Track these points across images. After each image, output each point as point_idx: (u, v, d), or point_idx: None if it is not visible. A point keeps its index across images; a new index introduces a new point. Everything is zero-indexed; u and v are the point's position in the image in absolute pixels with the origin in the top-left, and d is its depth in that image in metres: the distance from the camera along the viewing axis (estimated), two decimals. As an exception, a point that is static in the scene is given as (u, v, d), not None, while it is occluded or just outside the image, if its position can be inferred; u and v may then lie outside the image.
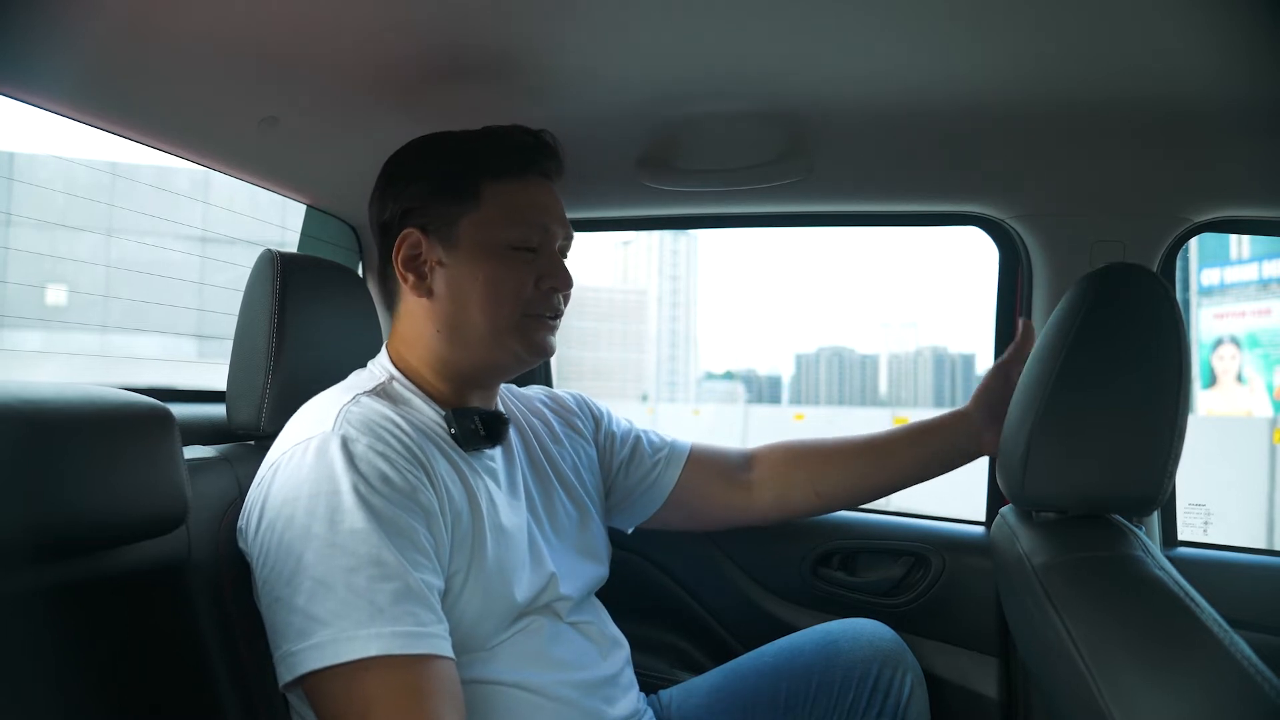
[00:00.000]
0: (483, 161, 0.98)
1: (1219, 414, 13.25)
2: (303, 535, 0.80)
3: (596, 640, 1.03)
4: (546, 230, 0.99)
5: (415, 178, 0.99)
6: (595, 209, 1.54)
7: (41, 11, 0.81)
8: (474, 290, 0.96)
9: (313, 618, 0.78)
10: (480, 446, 0.98)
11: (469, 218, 0.96)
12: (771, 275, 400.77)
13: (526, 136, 1.00)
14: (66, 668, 0.78)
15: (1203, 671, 0.64)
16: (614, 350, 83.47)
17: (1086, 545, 0.83)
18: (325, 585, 0.78)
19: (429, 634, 0.79)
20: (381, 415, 0.90)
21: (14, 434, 0.69)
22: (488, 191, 0.97)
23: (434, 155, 1.00)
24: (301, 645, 0.77)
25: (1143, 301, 0.85)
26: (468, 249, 0.96)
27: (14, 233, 2.27)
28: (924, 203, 1.47)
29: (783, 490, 1.23)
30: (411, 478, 0.85)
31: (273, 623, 0.82)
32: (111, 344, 2.44)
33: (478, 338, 0.97)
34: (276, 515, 0.83)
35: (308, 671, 0.77)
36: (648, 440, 1.23)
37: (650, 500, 1.21)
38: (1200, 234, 1.36)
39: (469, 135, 1.01)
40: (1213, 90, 0.99)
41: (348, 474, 0.83)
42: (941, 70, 0.98)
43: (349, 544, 0.79)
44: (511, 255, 0.96)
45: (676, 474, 1.21)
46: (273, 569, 0.82)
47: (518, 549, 0.95)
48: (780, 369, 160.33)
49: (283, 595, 0.80)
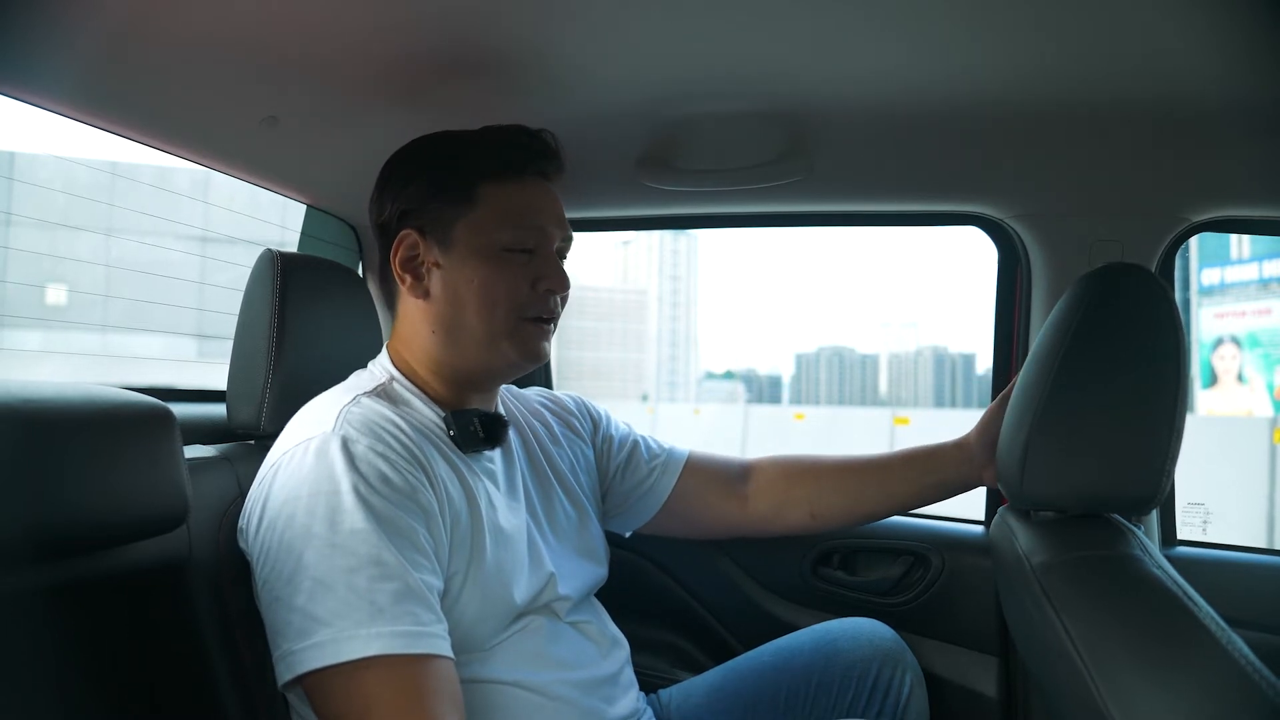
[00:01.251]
0: (479, 163, 0.98)
1: (1219, 414, 13.25)
2: (303, 535, 0.80)
3: (596, 640, 1.03)
4: (542, 231, 0.98)
5: (413, 179, 0.99)
6: (595, 209, 1.54)
7: (42, 11, 0.81)
8: (469, 292, 0.96)
9: (313, 617, 0.78)
10: (479, 448, 0.98)
11: (465, 220, 0.96)
12: (772, 275, 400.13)
13: (524, 137, 0.99)
14: (67, 667, 0.78)
15: (1201, 670, 0.64)
16: (614, 350, 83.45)
17: (1085, 544, 0.83)
18: (325, 585, 0.78)
19: (429, 634, 0.79)
20: (382, 416, 0.90)
21: (15, 433, 0.69)
22: (483, 193, 0.96)
23: (431, 156, 1.00)
24: (302, 644, 0.78)
25: (1141, 301, 0.85)
26: (463, 251, 0.96)
27: (14, 232, 2.28)
28: (924, 203, 1.47)
29: (778, 506, 1.22)
30: (411, 478, 0.86)
31: (273, 622, 0.82)
32: (112, 344, 2.44)
33: (472, 340, 0.97)
34: (277, 515, 0.83)
35: (308, 671, 0.77)
36: (645, 446, 1.23)
37: (646, 506, 1.21)
38: (1199, 234, 1.36)
39: (467, 136, 1.00)
40: (1212, 90, 0.99)
41: (348, 474, 0.83)
42: (941, 70, 0.98)
43: (349, 544, 0.80)
44: (506, 257, 0.96)
45: (673, 481, 1.21)
46: (273, 568, 0.82)
47: (516, 550, 0.95)
48: (780, 369, 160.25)
49: (283, 595, 0.80)
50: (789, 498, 1.22)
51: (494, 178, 0.97)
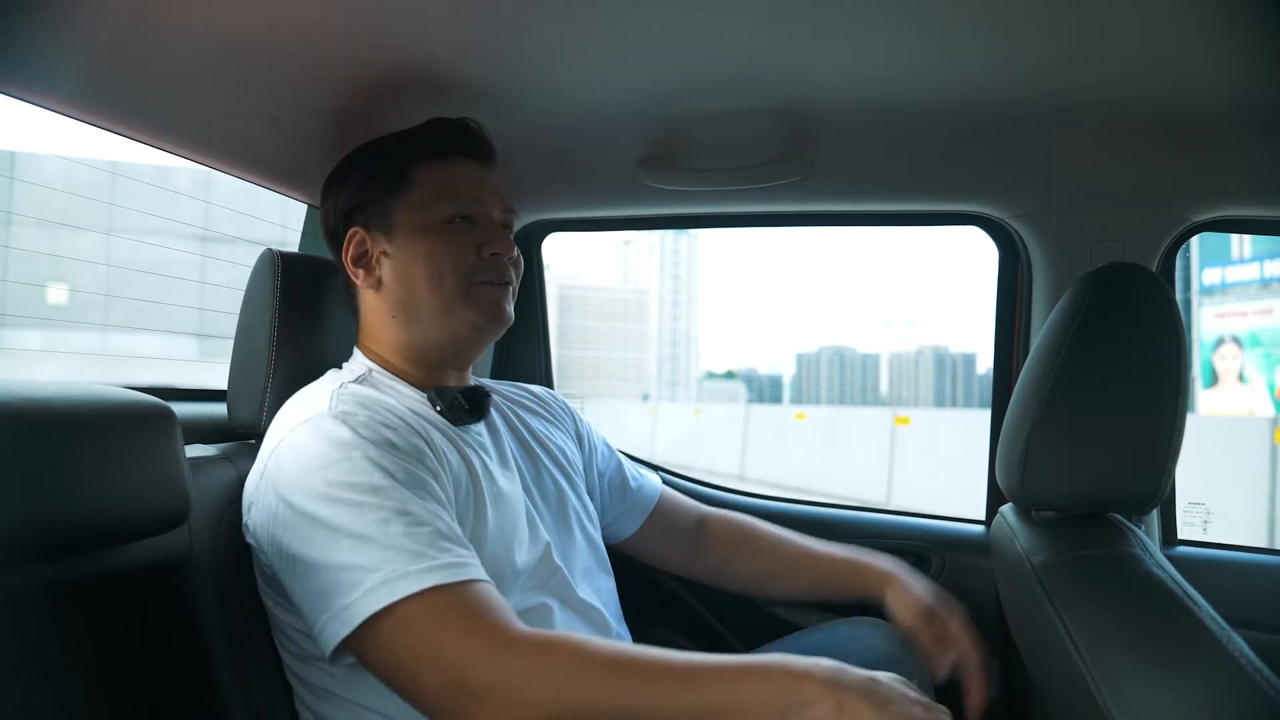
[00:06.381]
0: (408, 148, 1.02)
1: (1220, 413, 13.25)
2: (327, 502, 0.81)
3: (602, 631, 1.04)
4: (479, 201, 1.02)
5: (348, 179, 1.04)
6: (596, 208, 1.54)
7: (42, 11, 0.81)
8: (417, 269, 0.99)
9: (359, 568, 0.78)
10: (467, 421, 1.01)
11: (402, 203, 1.00)
12: (772, 275, 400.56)
13: (445, 123, 1.04)
14: (68, 665, 0.78)
15: (1201, 670, 0.64)
16: (615, 349, 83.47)
17: (1086, 544, 0.83)
18: (364, 538, 0.79)
19: (470, 564, 0.81)
20: (370, 398, 0.92)
21: (16, 432, 0.69)
22: (416, 174, 1.01)
23: (363, 154, 1.05)
24: (355, 595, 0.77)
25: (1141, 301, 0.85)
26: (406, 232, 1.00)
27: (15, 232, 2.28)
28: (924, 202, 1.47)
29: (721, 567, 1.28)
30: (415, 443, 0.88)
31: (314, 590, 0.80)
32: (112, 343, 2.44)
33: (430, 314, 0.99)
34: (292, 491, 0.83)
35: (365, 619, 0.76)
36: (628, 475, 1.27)
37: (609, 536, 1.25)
38: (1200, 234, 1.36)
39: (395, 133, 1.05)
40: (1213, 90, 0.99)
41: (356, 442, 0.85)
42: (942, 70, 0.98)
43: (374, 501, 0.81)
44: (448, 229, 0.99)
45: (638, 524, 1.27)
46: (302, 540, 0.81)
47: (516, 514, 0.98)
48: (781, 368, 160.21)
49: (319, 560, 0.80)
50: (731, 561, 1.27)
51: (424, 158, 1.01)
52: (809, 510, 1.57)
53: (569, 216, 1.60)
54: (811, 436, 12.99)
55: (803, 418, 14.93)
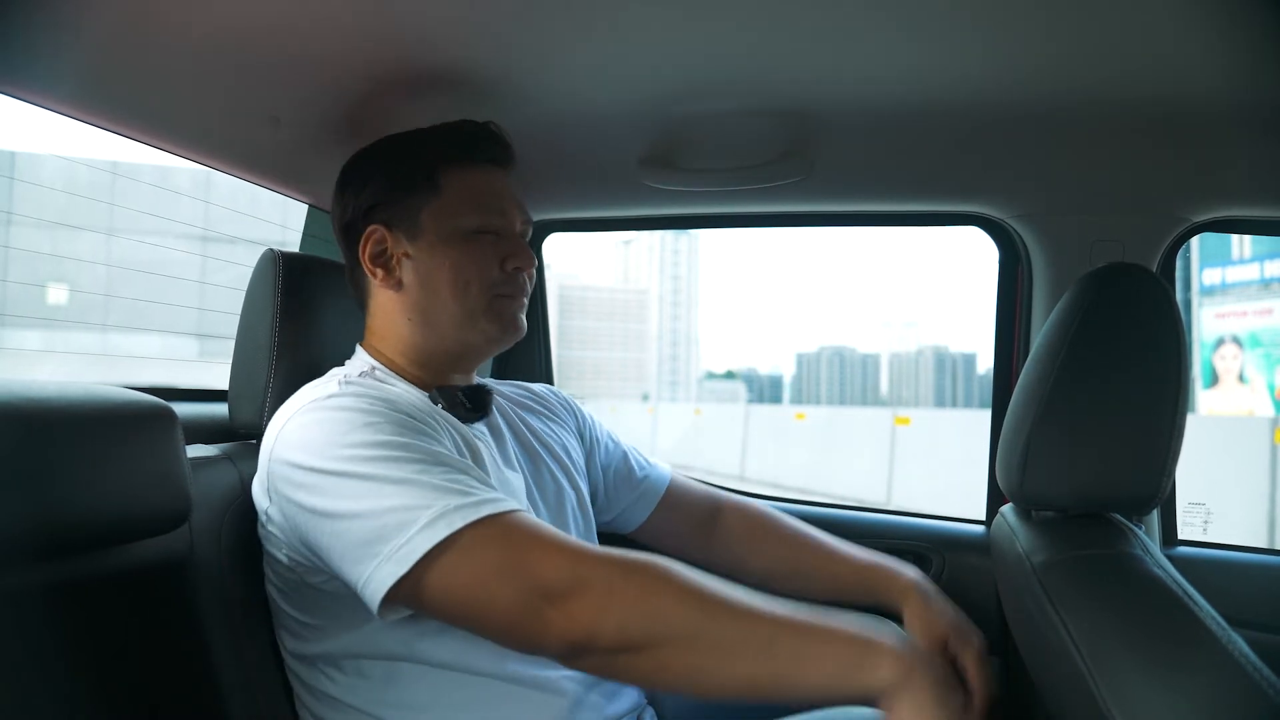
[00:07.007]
0: (438, 152, 1.01)
1: (1220, 413, 13.26)
2: (359, 461, 0.80)
3: None
4: (504, 214, 1.01)
5: (373, 176, 1.02)
6: (596, 209, 1.54)
7: (42, 11, 0.81)
8: (442, 277, 0.98)
9: (410, 507, 0.77)
10: (468, 418, 1.01)
11: (430, 207, 0.99)
12: (772, 275, 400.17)
13: (474, 126, 1.03)
14: (69, 666, 0.78)
15: (1201, 670, 0.64)
16: (615, 349, 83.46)
17: (1086, 544, 0.83)
18: (406, 482, 0.78)
19: (510, 500, 0.81)
20: (375, 391, 0.92)
21: (17, 432, 0.69)
22: (445, 180, 1.00)
23: (390, 152, 1.03)
24: (409, 533, 0.75)
25: (1142, 301, 0.85)
26: (431, 238, 0.99)
27: (15, 232, 2.28)
28: (924, 203, 1.47)
29: (742, 557, 1.20)
30: (423, 426, 0.88)
31: (356, 541, 0.78)
32: (112, 343, 2.44)
33: (451, 322, 0.99)
34: (316, 457, 0.82)
35: (423, 556, 0.75)
36: (635, 462, 1.25)
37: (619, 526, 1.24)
38: (1200, 234, 1.36)
39: (420, 131, 1.04)
40: (1213, 90, 0.99)
41: (371, 416, 0.84)
42: (942, 70, 0.98)
43: (407, 455, 0.81)
44: (475, 240, 0.99)
45: (648, 512, 1.24)
46: (336, 496, 0.80)
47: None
48: (781, 368, 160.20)
49: (361, 509, 0.78)
50: (753, 551, 1.21)
51: (455, 163, 1.00)
52: (809, 510, 1.57)
53: (570, 216, 1.60)
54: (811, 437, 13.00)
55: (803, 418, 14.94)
